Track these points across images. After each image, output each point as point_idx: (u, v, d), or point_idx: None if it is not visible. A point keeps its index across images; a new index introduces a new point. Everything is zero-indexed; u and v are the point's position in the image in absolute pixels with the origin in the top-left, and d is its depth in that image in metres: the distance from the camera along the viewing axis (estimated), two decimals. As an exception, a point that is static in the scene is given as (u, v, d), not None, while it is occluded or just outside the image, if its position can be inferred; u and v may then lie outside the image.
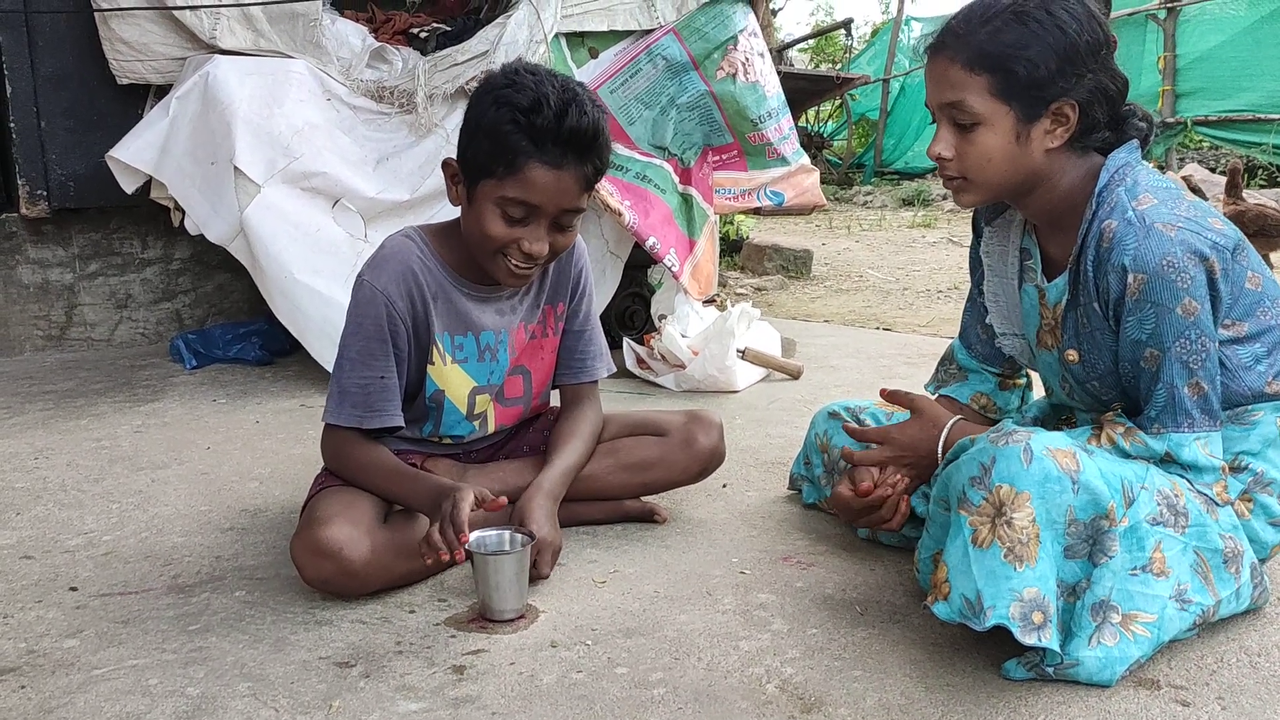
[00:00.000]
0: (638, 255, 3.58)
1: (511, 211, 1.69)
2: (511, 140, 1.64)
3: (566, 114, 1.64)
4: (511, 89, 1.66)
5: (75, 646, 1.58)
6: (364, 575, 1.68)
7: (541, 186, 1.66)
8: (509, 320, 1.91)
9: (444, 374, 1.86)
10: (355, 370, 1.77)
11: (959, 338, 2.01)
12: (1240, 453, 1.65)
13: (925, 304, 5.28)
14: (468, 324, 1.86)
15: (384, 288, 1.75)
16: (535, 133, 1.64)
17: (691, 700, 1.42)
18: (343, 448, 1.80)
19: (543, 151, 1.65)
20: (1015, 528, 1.42)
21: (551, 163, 1.65)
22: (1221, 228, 1.58)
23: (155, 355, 3.75)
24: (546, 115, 1.63)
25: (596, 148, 1.69)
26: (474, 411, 1.92)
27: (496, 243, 1.71)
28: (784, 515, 2.14)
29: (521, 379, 1.98)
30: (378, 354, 1.76)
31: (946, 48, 1.62)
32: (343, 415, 1.78)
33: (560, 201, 1.69)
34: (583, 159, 1.68)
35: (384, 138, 3.33)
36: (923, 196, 10.50)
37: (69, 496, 2.27)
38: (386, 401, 1.79)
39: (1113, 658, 1.44)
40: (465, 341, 1.86)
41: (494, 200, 1.69)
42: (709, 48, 3.47)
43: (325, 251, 3.12)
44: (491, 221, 1.70)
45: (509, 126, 1.64)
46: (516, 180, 1.66)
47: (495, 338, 1.89)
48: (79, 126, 3.60)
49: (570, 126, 1.64)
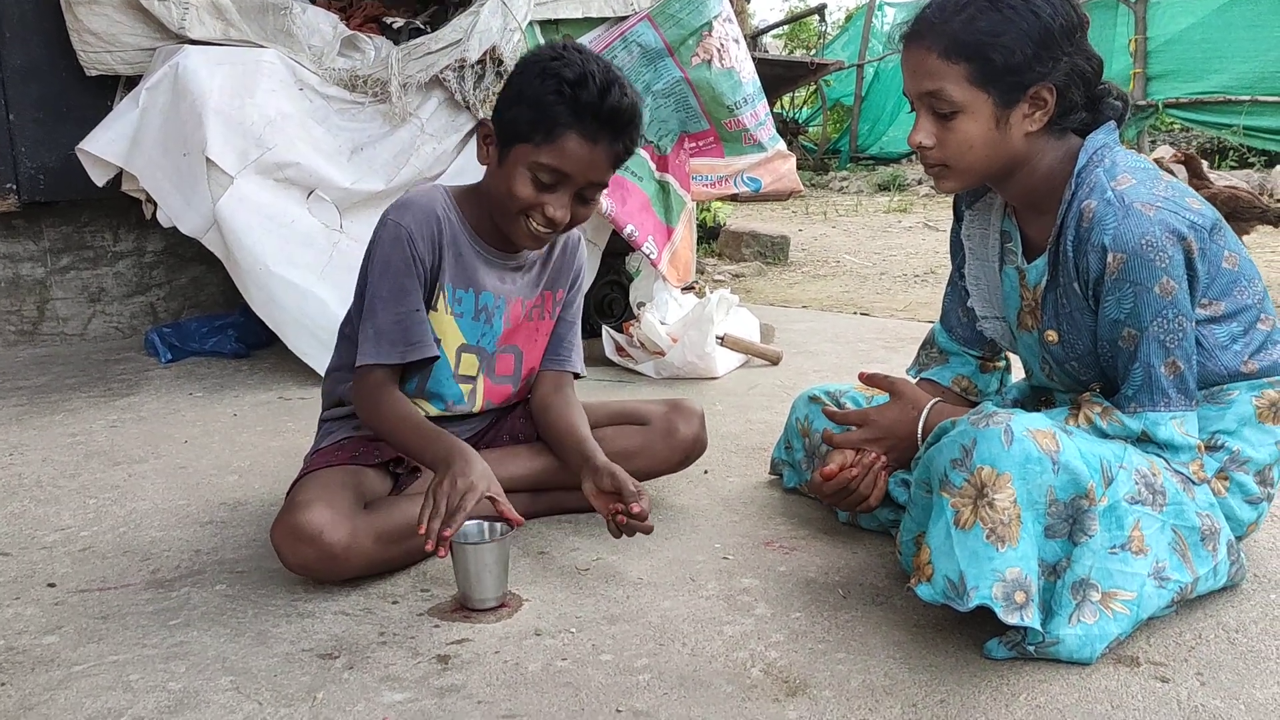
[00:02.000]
0: (616, 243, 3.58)
1: (542, 177, 1.74)
2: (554, 110, 1.71)
3: (610, 92, 1.71)
4: (559, 62, 1.72)
5: (54, 643, 1.56)
6: (344, 559, 1.67)
7: (576, 157, 1.73)
8: (510, 290, 1.94)
9: (441, 322, 1.88)
10: (389, 307, 1.80)
11: (940, 321, 2.02)
12: (1216, 431, 1.67)
13: (902, 288, 5.31)
14: (471, 280, 1.90)
15: (408, 226, 1.80)
16: (578, 106, 1.70)
17: (677, 685, 1.42)
18: (379, 393, 1.80)
19: (582, 124, 1.71)
20: (997, 509, 1.43)
21: (589, 136, 1.72)
22: (1199, 207, 1.59)
23: (130, 349, 3.72)
24: (591, 90, 1.70)
25: (631, 128, 1.77)
26: (459, 371, 1.92)
27: (522, 204, 1.77)
28: (766, 500, 2.15)
29: (513, 357, 1.99)
30: (409, 289, 1.80)
31: (922, 37, 1.62)
32: (382, 353, 1.79)
33: (590, 174, 1.76)
34: (616, 137, 1.75)
35: (358, 127, 3.30)
36: (898, 181, 10.54)
37: (45, 492, 2.24)
38: (423, 333, 1.82)
39: (1093, 635, 1.45)
40: (465, 296, 1.90)
41: (526, 164, 1.74)
42: (684, 34, 3.46)
43: (300, 243, 3.10)
44: (521, 184, 1.75)
45: (553, 96, 1.70)
46: (553, 148, 1.72)
47: (494, 301, 1.93)
48: (48, 119, 3.55)
49: (612, 105, 1.71)
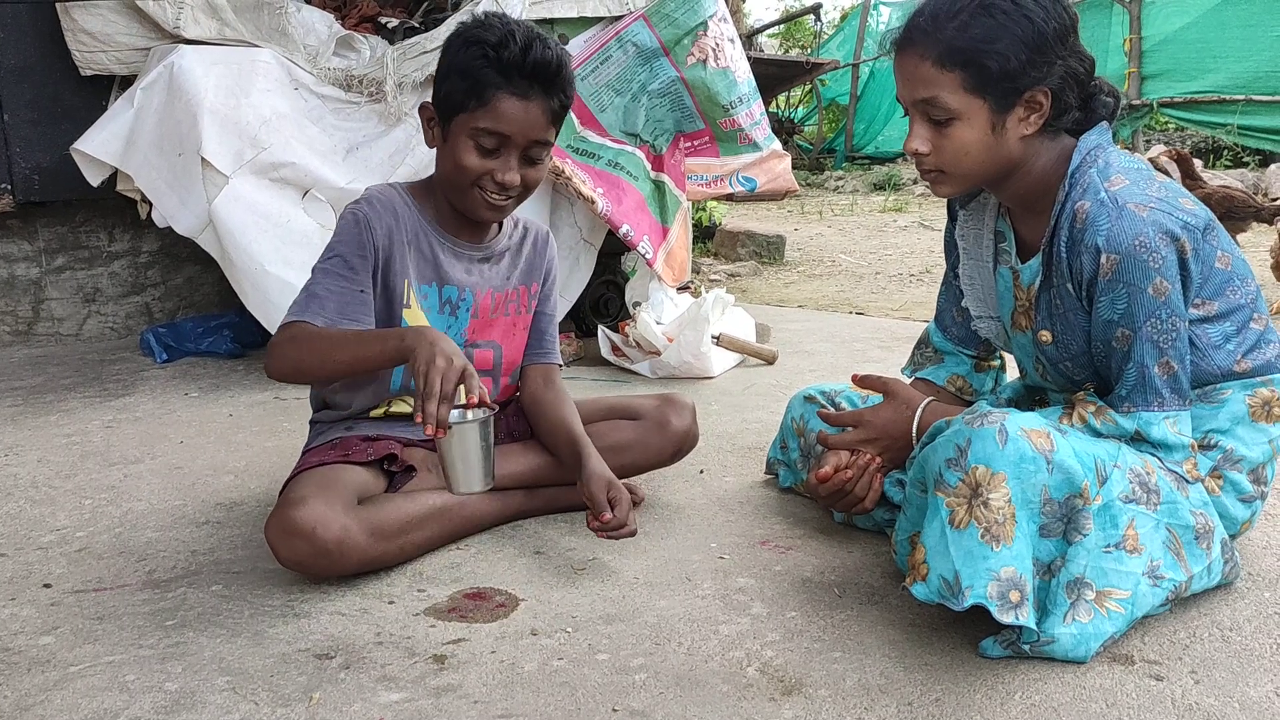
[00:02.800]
0: (611, 243, 3.58)
1: (484, 142, 1.79)
2: (482, 74, 1.76)
3: (531, 47, 1.76)
4: (480, 28, 1.79)
5: (50, 643, 1.56)
6: (338, 555, 1.67)
7: (511, 116, 1.77)
8: (476, 281, 1.95)
9: (417, 318, 1.89)
10: (330, 280, 1.79)
11: (934, 321, 2.02)
12: (1210, 430, 1.67)
13: (897, 288, 5.31)
14: (435, 273, 1.91)
15: (365, 212, 1.83)
16: (503, 65, 1.75)
17: (673, 685, 1.42)
18: (299, 337, 1.73)
19: (511, 83, 1.76)
20: (992, 508, 1.43)
21: (519, 93, 1.77)
22: (1192, 208, 1.60)
23: (125, 349, 3.71)
24: (513, 49, 1.75)
25: (561, 81, 1.80)
26: None
27: (471, 174, 1.80)
28: (761, 500, 2.15)
29: (492, 353, 2.00)
30: (357, 268, 1.80)
31: (915, 44, 1.61)
32: (309, 314, 1.75)
33: (529, 132, 1.79)
34: (548, 91, 1.79)
35: (353, 127, 3.30)
36: (893, 181, 10.55)
37: (40, 493, 2.24)
38: (362, 313, 1.80)
39: (1087, 634, 1.46)
40: (429, 291, 1.91)
41: (467, 133, 1.79)
42: (679, 34, 3.46)
43: (296, 243, 3.09)
44: (466, 153, 1.79)
45: (479, 61, 1.76)
46: (488, 111, 1.77)
47: (458, 294, 1.94)
48: (43, 119, 3.55)
49: (535, 59, 1.76)
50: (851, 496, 1.82)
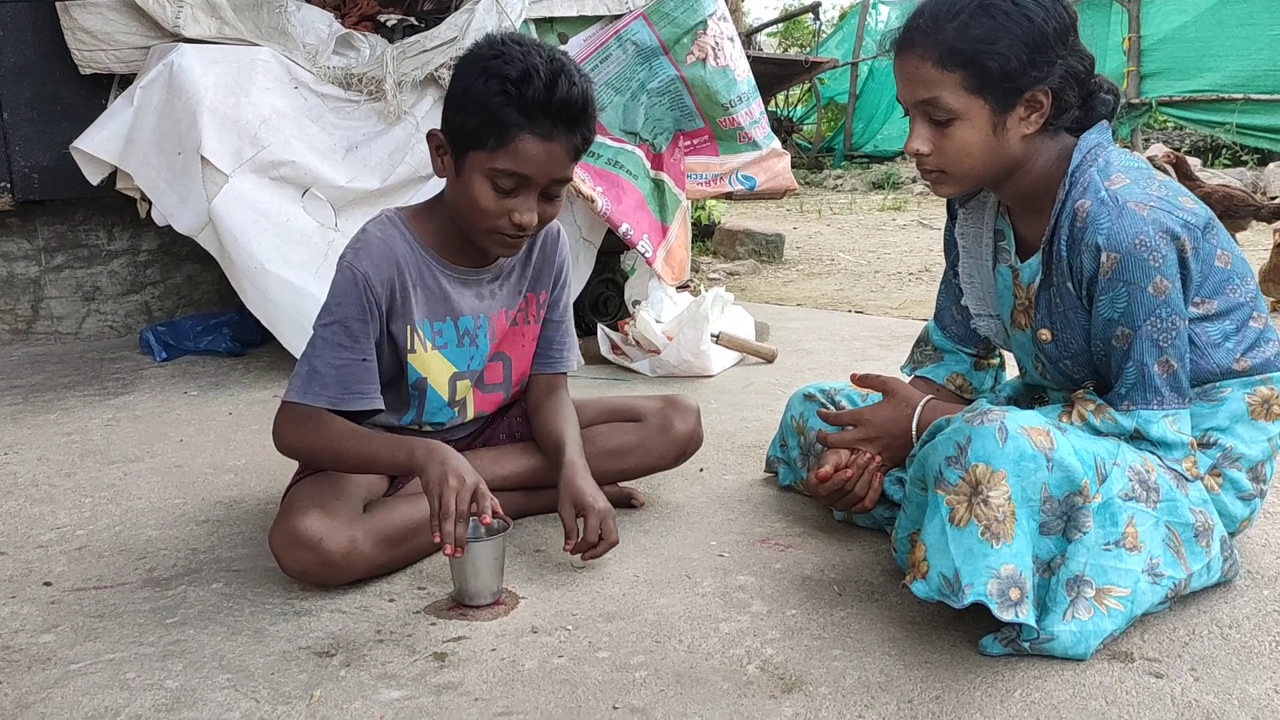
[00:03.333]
0: (611, 241, 3.58)
1: (502, 183, 1.67)
2: (502, 113, 1.63)
3: (556, 85, 1.62)
4: (500, 60, 1.64)
5: (51, 641, 1.56)
6: (343, 566, 1.67)
7: (533, 158, 1.65)
8: (489, 305, 1.89)
9: (425, 361, 1.84)
10: (332, 351, 1.71)
11: (934, 319, 2.02)
12: (1209, 429, 1.68)
13: (896, 286, 5.31)
14: (447, 309, 1.84)
15: (364, 270, 1.73)
16: (525, 105, 1.62)
17: (673, 682, 1.42)
18: (302, 424, 1.73)
19: (534, 124, 1.63)
20: (992, 506, 1.43)
21: (543, 134, 1.64)
22: (1192, 206, 1.60)
23: (124, 348, 3.71)
24: (537, 86, 1.61)
25: (586, 118, 1.69)
26: (455, 398, 1.91)
27: (489, 217, 1.70)
28: (761, 498, 2.15)
29: (501, 365, 1.97)
30: (359, 335, 1.72)
31: (915, 45, 1.61)
32: (311, 394, 1.70)
33: (550, 172, 1.68)
34: (572, 129, 1.67)
35: (353, 125, 3.30)
36: (892, 180, 10.55)
37: (40, 491, 2.24)
38: (366, 384, 1.74)
39: (1087, 631, 1.46)
40: (444, 327, 1.85)
41: (484, 172, 1.67)
42: (678, 32, 3.46)
43: (296, 241, 3.10)
44: (482, 194, 1.68)
45: (499, 99, 1.62)
46: (507, 153, 1.65)
47: (474, 323, 1.88)
48: (42, 118, 3.54)
49: (560, 98, 1.63)
50: (851, 495, 1.82)
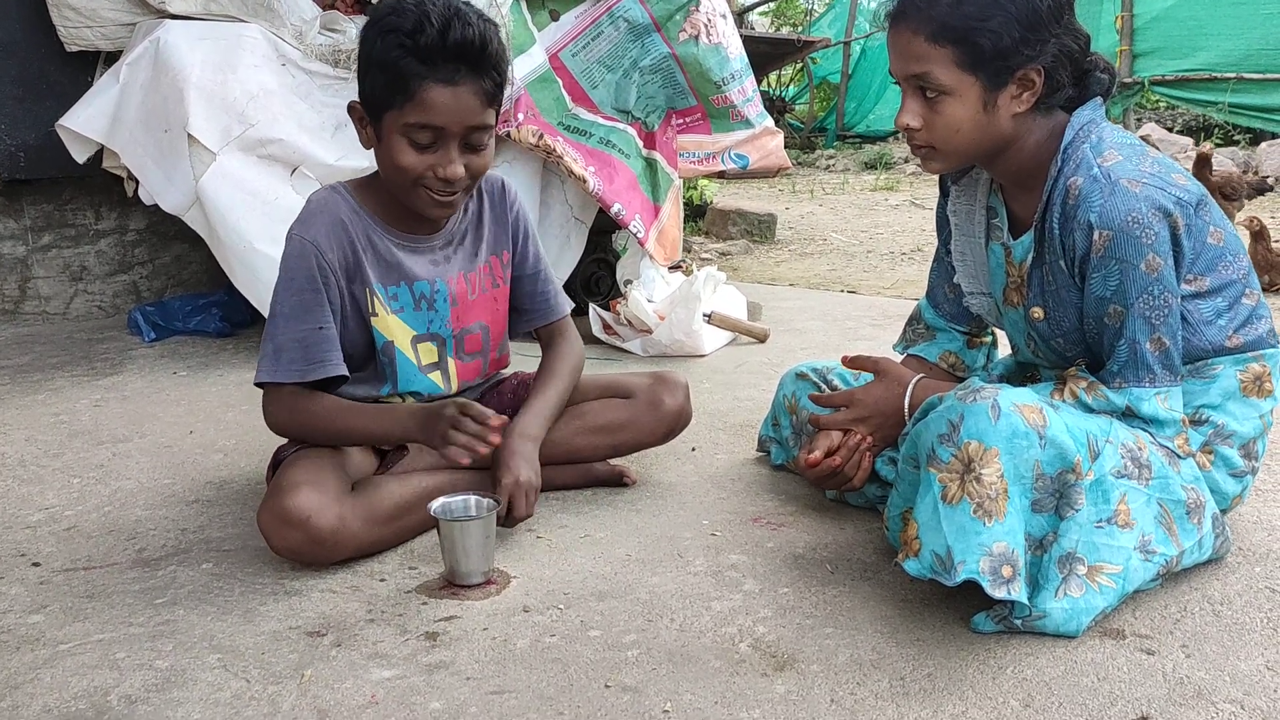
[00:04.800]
0: (602, 221, 3.56)
1: (418, 138, 1.67)
2: (402, 65, 1.63)
3: (450, 28, 1.62)
4: (394, 15, 1.65)
5: (40, 622, 1.56)
6: (332, 543, 1.66)
7: (440, 106, 1.65)
8: (444, 270, 1.89)
9: (387, 323, 1.84)
10: (290, 324, 1.74)
11: (926, 297, 2.02)
12: (1201, 406, 1.68)
13: (889, 266, 5.31)
14: (400, 274, 1.85)
15: (313, 239, 1.75)
16: (422, 53, 1.62)
17: (665, 660, 1.42)
18: (290, 404, 1.77)
19: (435, 70, 1.63)
20: (984, 483, 1.43)
21: (445, 79, 1.64)
22: (1185, 183, 1.59)
23: (113, 328, 3.69)
24: (430, 33, 1.61)
25: (488, 58, 1.67)
26: (422, 361, 1.90)
27: (411, 173, 1.70)
28: (753, 477, 2.15)
29: (480, 334, 1.96)
30: (313, 305, 1.74)
31: (908, 18, 1.60)
32: (280, 371, 1.74)
33: (463, 119, 1.67)
34: (477, 72, 1.66)
35: (341, 103, 3.25)
36: (885, 160, 10.53)
37: (28, 472, 2.23)
38: (327, 351, 1.76)
39: (1079, 609, 1.46)
40: (399, 291, 1.85)
41: (399, 130, 1.67)
42: (671, 9, 3.43)
43: (284, 220, 2.99)
44: (402, 152, 1.69)
45: (397, 52, 1.63)
46: (415, 105, 1.64)
47: (430, 287, 1.88)
48: (28, 95, 3.50)
49: (455, 40, 1.62)
50: (841, 476, 1.83)
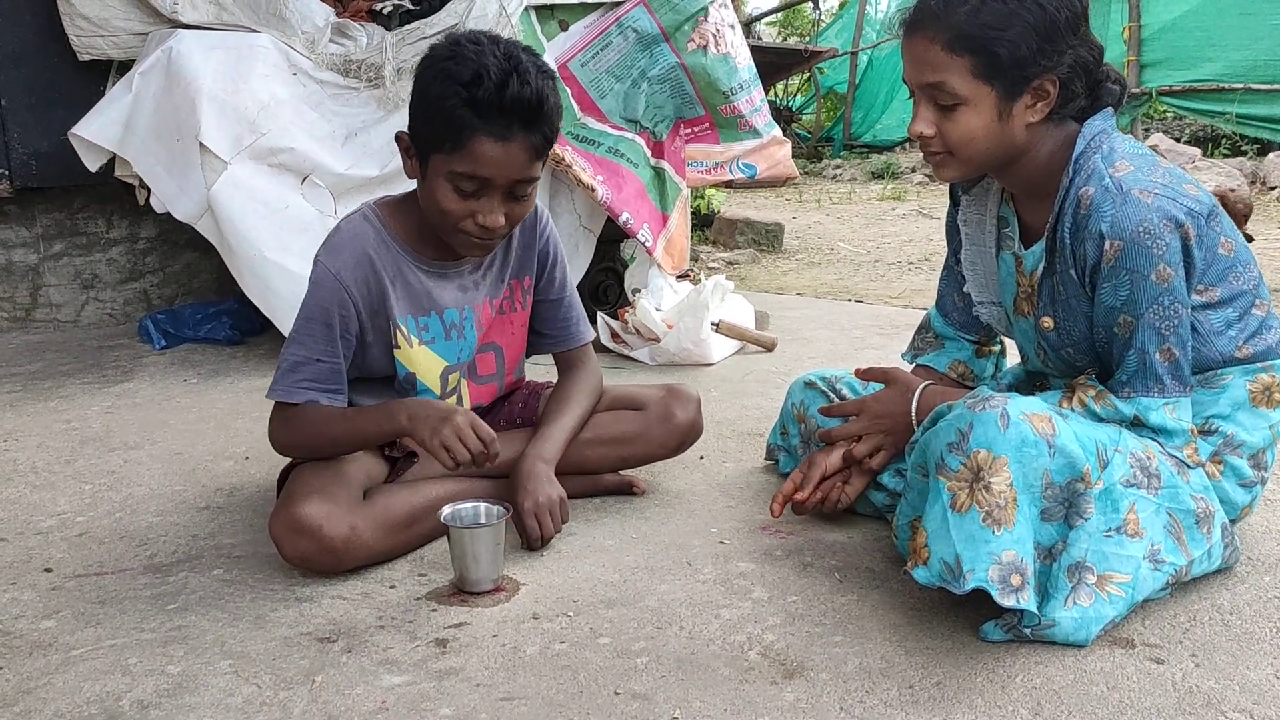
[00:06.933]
0: (610, 229, 3.57)
1: (463, 186, 1.67)
2: (456, 115, 1.62)
3: (508, 85, 1.61)
4: (452, 61, 1.63)
5: (52, 627, 1.57)
6: (344, 552, 1.67)
7: (490, 160, 1.64)
8: (472, 296, 1.89)
9: (411, 356, 1.84)
10: (290, 347, 1.78)
11: (935, 306, 2.02)
12: (1210, 416, 1.68)
13: (896, 275, 5.31)
14: (429, 304, 1.84)
15: (338, 271, 1.75)
16: (478, 106, 1.61)
17: (674, 668, 1.43)
18: (292, 420, 1.78)
19: (488, 124, 1.62)
20: (993, 492, 1.43)
21: (497, 135, 1.63)
22: (1196, 194, 1.59)
23: (123, 336, 3.70)
24: (488, 87, 1.60)
25: (543, 116, 1.66)
26: (448, 389, 1.91)
27: (452, 218, 1.70)
28: (761, 485, 2.15)
29: (494, 355, 1.97)
30: (316, 334, 1.76)
31: (924, 26, 1.60)
32: (297, 391, 1.77)
33: (510, 173, 1.67)
34: (530, 128, 1.65)
35: (352, 112, 3.28)
36: (892, 169, 10.53)
37: (40, 478, 2.24)
38: (312, 380, 1.78)
39: (1088, 618, 1.46)
40: (430, 322, 1.85)
41: (445, 175, 1.67)
42: (679, 19, 3.44)
43: (295, 229, 3.08)
44: (445, 197, 1.69)
45: (453, 101, 1.62)
46: (464, 155, 1.64)
47: (459, 315, 1.88)
48: (40, 104, 3.53)
49: (512, 96, 1.61)
50: (829, 501, 1.89)
